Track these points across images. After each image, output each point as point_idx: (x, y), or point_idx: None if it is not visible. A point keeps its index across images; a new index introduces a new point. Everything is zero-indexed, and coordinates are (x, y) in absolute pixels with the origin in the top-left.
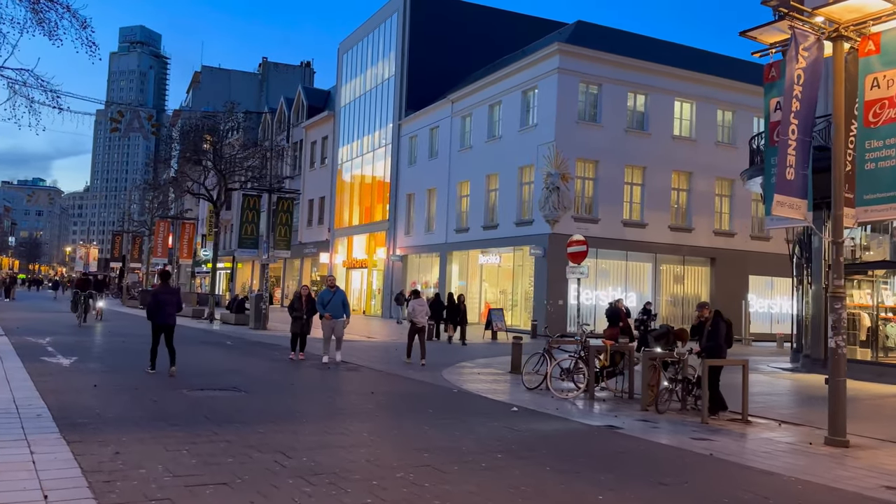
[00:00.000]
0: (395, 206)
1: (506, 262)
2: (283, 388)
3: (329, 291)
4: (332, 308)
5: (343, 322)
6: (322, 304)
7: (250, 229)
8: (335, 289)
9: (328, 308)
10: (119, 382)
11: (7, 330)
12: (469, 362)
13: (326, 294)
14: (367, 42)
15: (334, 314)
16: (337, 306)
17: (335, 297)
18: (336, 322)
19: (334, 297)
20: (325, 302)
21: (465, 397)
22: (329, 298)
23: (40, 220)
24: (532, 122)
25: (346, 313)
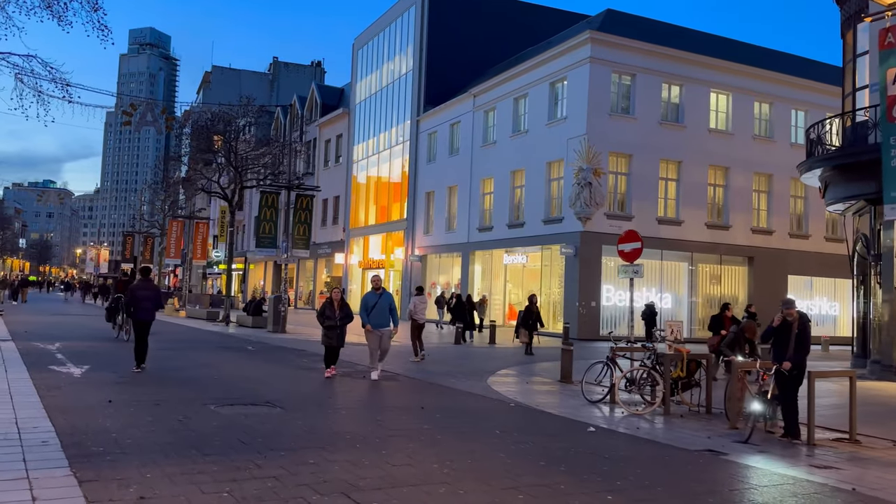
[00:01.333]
0: (414, 204)
1: (532, 262)
2: (321, 402)
3: (374, 294)
4: (377, 315)
5: (390, 332)
6: (365, 309)
7: (268, 227)
8: (381, 291)
9: (372, 315)
10: (137, 396)
11: (14, 334)
12: (509, 369)
13: (370, 297)
14: (382, 37)
15: (379, 323)
16: (383, 313)
17: (381, 302)
18: (383, 332)
19: (380, 302)
20: (368, 307)
21: (527, 414)
22: (374, 303)
23: (51, 221)
24: (561, 115)
25: (394, 321)
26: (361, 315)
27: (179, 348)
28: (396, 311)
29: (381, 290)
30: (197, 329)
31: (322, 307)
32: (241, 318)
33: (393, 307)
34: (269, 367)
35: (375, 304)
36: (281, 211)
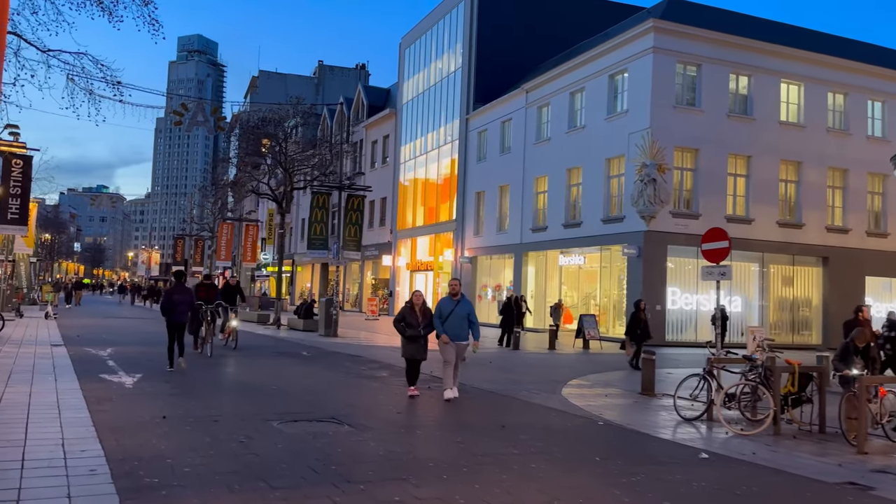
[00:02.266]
0: (463, 204)
1: (590, 263)
2: (390, 419)
3: (450, 300)
4: (454, 325)
5: (469, 346)
6: (440, 317)
7: (319, 229)
8: (459, 296)
9: (448, 324)
10: (193, 410)
11: (66, 339)
12: (581, 379)
13: (446, 304)
14: (430, 35)
15: (456, 334)
16: (461, 322)
17: (458, 309)
18: (460, 346)
19: (457, 309)
20: (444, 315)
21: (622, 435)
22: (450, 310)
23: (104, 226)
24: (621, 109)
25: (475, 333)
26: (436, 324)
27: (233, 354)
28: (477, 320)
29: (460, 296)
30: (249, 332)
31: (401, 313)
32: (293, 321)
33: (473, 316)
34: (327, 376)
35: (452, 312)
36: (332, 212)
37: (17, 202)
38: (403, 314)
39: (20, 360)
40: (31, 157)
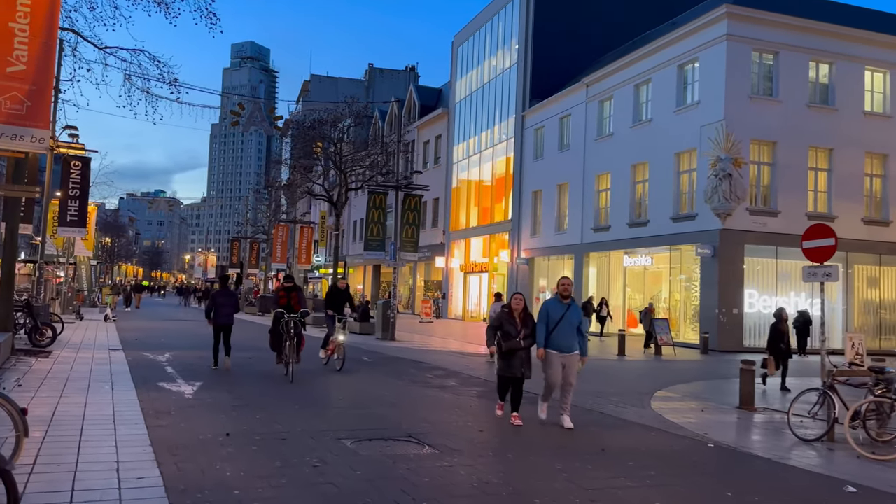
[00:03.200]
0: (519, 204)
1: (658, 264)
2: (474, 439)
3: (558, 303)
4: (563, 334)
5: (577, 360)
6: (545, 324)
7: (376, 229)
8: (570, 300)
9: (557, 333)
10: (258, 426)
11: (125, 343)
12: (666, 390)
13: (554, 308)
14: (484, 32)
15: (565, 345)
16: (570, 330)
17: (570, 315)
18: (568, 359)
19: (568, 315)
20: (550, 321)
21: (741, 461)
22: (559, 316)
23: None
24: (692, 101)
25: (583, 347)
26: (538, 332)
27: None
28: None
29: (570, 300)
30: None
31: (497, 319)
32: (349, 324)
33: (584, 325)
34: (394, 385)
35: (562, 318)
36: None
37: (77, 204)
38: (500, 320)
39: (77, 366)
40: (89, 159)
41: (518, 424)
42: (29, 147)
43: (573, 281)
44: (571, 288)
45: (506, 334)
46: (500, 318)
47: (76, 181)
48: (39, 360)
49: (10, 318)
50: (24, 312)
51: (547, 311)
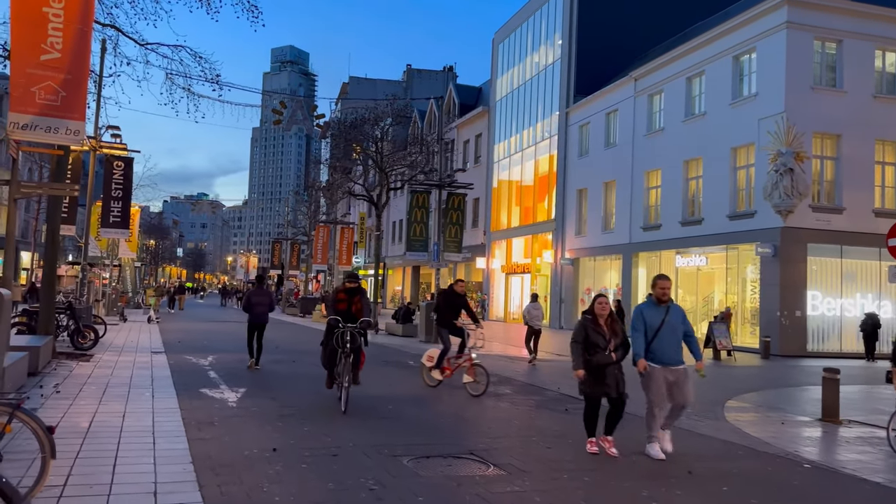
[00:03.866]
0: (563, 203)
1: (713, 264)
2: (544, 456)
3: (656, 307)
4: (667, 343)
5: (687, 373)
6: (641, 331)
7: (419, 229)
8: (668, 302)
9: (659, 342)
10: (307, 440)
11: (167, 345)
12: (737, 399)
13: (652, 312)
14: (526, 28)
15: (670, 357)
16: (675, 338)
17: (671, 318)
18: (676, 374)
19: (669, 319)
20: (649, 328)
21: (846, 484)
22: (659, 321)
23: (204, 232)
24: (749, 93)
25: (696, 350)
26: (635, 342)
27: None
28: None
29: (669, 302)
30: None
31: (582, 327)
32: (390, 325)
33: (690, 328)
34: (444, 393)
35: (662, 324)
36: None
37: (119, 205)
38: (585, 330)
39: (118, 370)
40: (131, 159)
41: (613, 454)
42: (63, 140)
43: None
44: (668, 287)
45: (592, 346)
46: (584, 327)
47: (119, 182)
48: (80, 364)
49: (52, 320)
50: (67, 314)
51: (643, 317)
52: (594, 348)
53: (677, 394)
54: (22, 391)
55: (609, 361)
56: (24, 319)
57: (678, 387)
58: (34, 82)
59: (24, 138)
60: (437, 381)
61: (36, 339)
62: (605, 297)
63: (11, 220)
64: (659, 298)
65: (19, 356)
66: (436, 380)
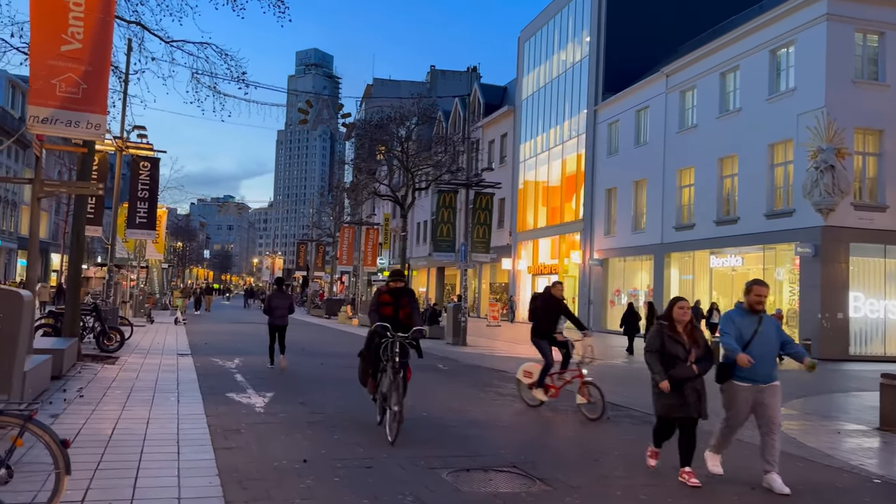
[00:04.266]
0: (592, 203)
1: (749, 264)
2: (593, 470)
3: (747, 315)
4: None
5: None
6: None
7: (446, 230)
8: (762, 311)
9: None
10: (338, 450)
11: (194, 347)
12: (784, 407)
13: (745, 321)
14: (552, 25)
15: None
16: (770, 350)
17: (765, 328)
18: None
19: (763, 328)
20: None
21: None
22: (753, 331)
23: (231, 233)
24: (787, 87)
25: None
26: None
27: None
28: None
29: (762, 311)
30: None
31: (657, 335)
32: None
33: (788, 338)
34: (479, 398)
35: (755, 335)
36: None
37: (145, 206)
38: (661, 339)
39: (144, 373)
40: (158, 160)
41: (695, 485)
42: (84, 134)
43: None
44: (765, 295)
45: (671, 358)
46: (660, 336)
47: (145, 182)
48: (105, 367)
49: (78, 322)
50: (93, 316)
51: (734, 325)
52: (672, 360)
53: (762, 414)
54: (45, 395)
55: (689, 375)
56: (50, 321)
57: (765, 407)
58: (55, 74)
59: (45, 132)
60: (540, 401)
61: (60, 342)
62: (685, 300)
63: (34, 219)
64: (752, 306)
65: (42, 359)
66: (538, 399)
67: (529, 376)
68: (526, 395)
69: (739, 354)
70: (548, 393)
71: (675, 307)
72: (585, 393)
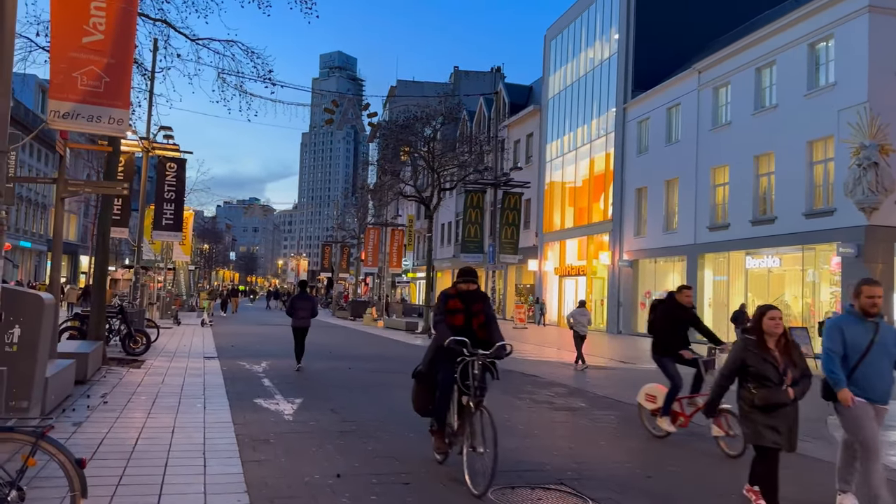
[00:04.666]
0: (621, 203)
1: (787, 265)
2: (648, 488)
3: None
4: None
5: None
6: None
7: (474, 230)
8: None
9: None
10: (373, 462)
11: (220, 350)
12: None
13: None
14: (579, 23)
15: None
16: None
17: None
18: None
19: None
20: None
21: None
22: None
23: (256, 236)
24: (827, 82)
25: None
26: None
27: (396, 371)
28: None
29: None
30: (401, 343)
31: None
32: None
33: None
34: (514, 406)
35: (872, 345)
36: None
37: (172, 207)
38: (744, 356)
39: (169, 377)
40: (184, 161)
41: None
42: (107, 129)
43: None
44: (879, 296)
45: (760, 378)
46: (745, 352)
47: (171, 183)
48: (131, 371)
49: (103, 325)
50: (119, 318)
51: (842, 335)
52: (761, 380)
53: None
54: (68, 402)
55: (784, 401)
56: (76, 324)
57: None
58: (76, 67)
59: (66, 128)
60: (666, 432)
61: (85, 345)
62: (777, 309)
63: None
64: (866, 311)
65: (66, 364)
66: (663, 430)
67: (653, 401)
68: (649, 424)
69: (842, 389)
70: (676, 422)
71: (766, 318)
72: (723, 423)
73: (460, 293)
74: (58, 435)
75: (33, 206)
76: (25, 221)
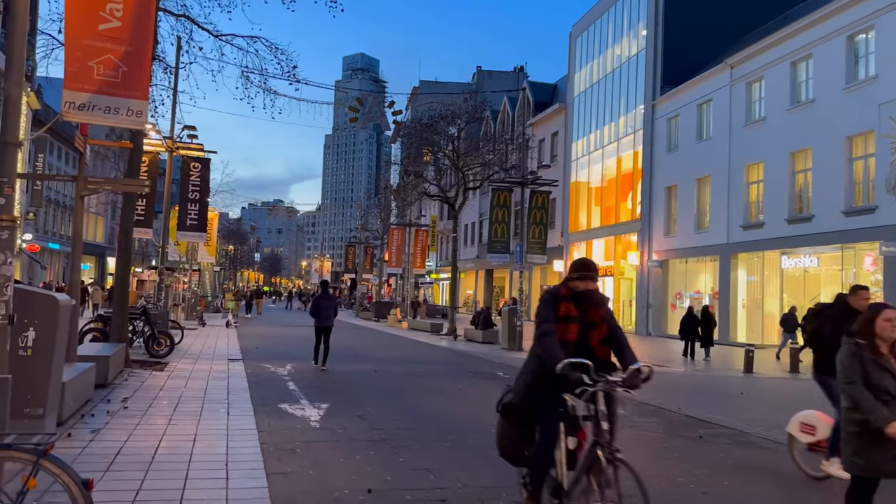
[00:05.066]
0: (650, 202)
1: (824, 265)
2: None
3: None
4: None
5: None
6: None
7: (501, 230)
8: None
9: None
10: (406, 476)
11: (245, 352)
12: None
13: None
14: (606, 19)
15: None
16: None
17: None
18: None
19: None
20: None
21: None
22: None
23: (280, 237)
24: (866, 75)
25: None
26: None
27: (424, 374)
28: None
29: None
30: (426, 344)
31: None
32: (469, 331)
33: None
34: None
35: None
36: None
37: (196, 207)
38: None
39: (193, 380)
40: (208, 161)
41: None
42: (125, 122)
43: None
44: None
45: (878, 392)
46: (859, 360)
47: (195, 183)
48: (154, 374)
49: (125, 326)
50: (142, 320)
51: None
52: (878, 396)
53: None
54: (87, 406)
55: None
56: (99, 325)
57: None
58: (92, 56)
59: (81, 120)
60: (826, 475)
61: (107, 348)
62: (892, 308)
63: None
64: None
65: (86, 367)
66: (825, 472)
67: (811, 433)
68: (801, 459)
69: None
70: None
71: (880, 318)
72: None
73: (575, 294)
74: (75, 443)
75: (61, 209)
76: (54, 223)
